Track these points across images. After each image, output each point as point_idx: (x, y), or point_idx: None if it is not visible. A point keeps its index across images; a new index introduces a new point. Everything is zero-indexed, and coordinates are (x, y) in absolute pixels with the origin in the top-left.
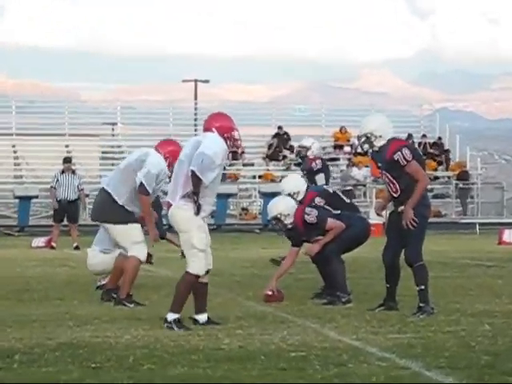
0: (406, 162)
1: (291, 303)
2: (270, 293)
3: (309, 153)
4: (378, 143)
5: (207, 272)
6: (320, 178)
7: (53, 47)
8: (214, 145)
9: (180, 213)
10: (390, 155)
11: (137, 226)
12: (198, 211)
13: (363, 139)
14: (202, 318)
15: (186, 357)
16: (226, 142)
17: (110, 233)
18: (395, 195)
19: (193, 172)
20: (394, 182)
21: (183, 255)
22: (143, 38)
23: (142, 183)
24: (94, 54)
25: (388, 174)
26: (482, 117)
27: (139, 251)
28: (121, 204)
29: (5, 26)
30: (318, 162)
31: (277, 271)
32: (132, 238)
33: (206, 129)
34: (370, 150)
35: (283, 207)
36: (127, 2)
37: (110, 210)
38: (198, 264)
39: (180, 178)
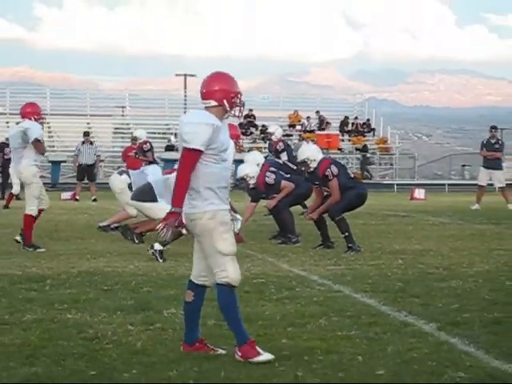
0: (332, 177)
1: (254, 242)
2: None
3: (273, 137)
4: (313, 165)
5: None
6: (283, 156)
7: (79, 49)
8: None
9: None
10: (323, 172)
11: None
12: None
13: (302, 163)
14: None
15: (176, 282)
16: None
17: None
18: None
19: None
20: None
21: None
22: (146, 42)
23: None
24: (108, 54)
25: (326, 187)
26: (400, 104)
27: None
28: None
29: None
30: (281, 144)
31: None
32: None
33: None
34: (307, 173)
35: (249, 170)
36: (130, 13)
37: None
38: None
39: None
